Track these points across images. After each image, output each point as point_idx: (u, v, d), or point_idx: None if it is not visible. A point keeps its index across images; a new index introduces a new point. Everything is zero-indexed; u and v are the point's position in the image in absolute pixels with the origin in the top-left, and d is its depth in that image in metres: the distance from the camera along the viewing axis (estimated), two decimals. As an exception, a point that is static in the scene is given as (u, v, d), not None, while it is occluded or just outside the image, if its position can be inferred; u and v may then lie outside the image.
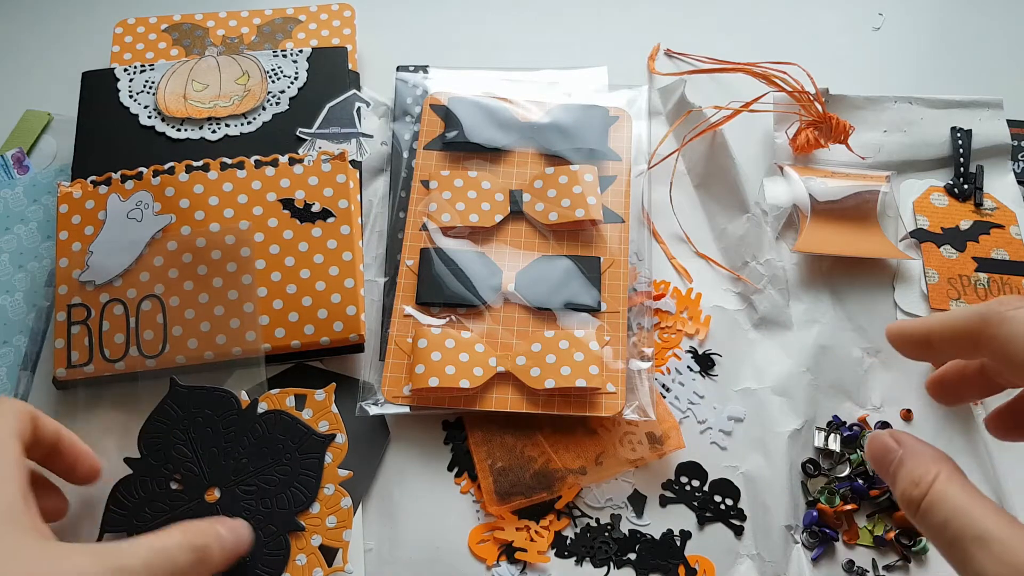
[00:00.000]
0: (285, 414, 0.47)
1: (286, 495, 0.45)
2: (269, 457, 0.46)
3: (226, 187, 0.53)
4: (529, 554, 0.45)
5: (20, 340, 0.52)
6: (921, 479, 0.30)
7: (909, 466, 0.32)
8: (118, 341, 0.49)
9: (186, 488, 0.45)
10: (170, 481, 0.45)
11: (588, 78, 0.62)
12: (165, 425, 0.46)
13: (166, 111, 0.58)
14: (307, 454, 0.46)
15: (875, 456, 0.34)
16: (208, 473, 0.45)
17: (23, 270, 0.54)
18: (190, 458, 0.46)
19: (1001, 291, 0.53)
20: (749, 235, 0.56)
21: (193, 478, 0.45)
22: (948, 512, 0.29)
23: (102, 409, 0.49)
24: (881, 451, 0.34)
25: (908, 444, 0.33)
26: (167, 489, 0.45)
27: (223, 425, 0.47)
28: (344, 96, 0.60)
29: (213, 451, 0.46)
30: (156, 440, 0.46)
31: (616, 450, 0.48)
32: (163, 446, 0.46)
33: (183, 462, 0.46)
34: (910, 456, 0.32)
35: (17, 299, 0.53)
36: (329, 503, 0.46)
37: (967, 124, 0.60)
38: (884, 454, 0.33)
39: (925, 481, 0.30)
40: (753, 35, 0.68)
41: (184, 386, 0.47)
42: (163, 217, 0.52)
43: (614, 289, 0.52)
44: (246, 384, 0.50)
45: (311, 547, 0.45)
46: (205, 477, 0.45)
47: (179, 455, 0.46)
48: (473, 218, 0.54)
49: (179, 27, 0.65)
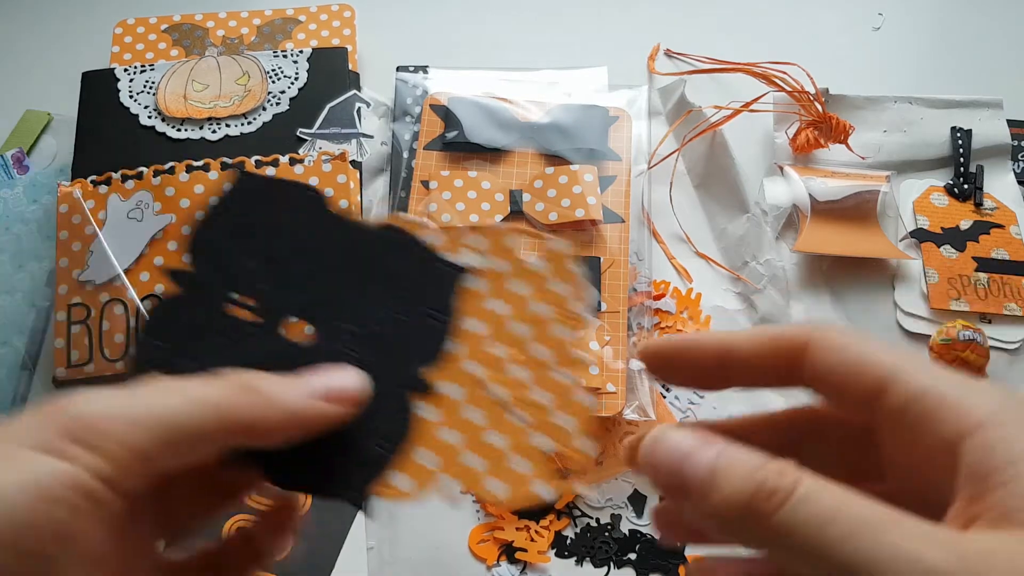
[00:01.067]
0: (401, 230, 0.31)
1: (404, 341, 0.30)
2: (380, 286, 0.31)
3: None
4: (529, 554, 0.45)
5: (20, 340, 0.52)
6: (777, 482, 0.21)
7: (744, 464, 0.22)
8: (118, 341, 0.49)
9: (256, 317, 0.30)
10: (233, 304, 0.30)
11: (588, 78, 0.62)
12: (229, 227, 0.31)
13: (166, 111, 0.58)
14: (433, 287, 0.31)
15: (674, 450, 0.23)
16: (290, 299, 0.30)
17: (23, 270, 0.54)
18: (264, 276, 0.30)
19: (1001, 291, 0.53)
20: (749, 235, 0.56)
21: (267, 304, 0.30)
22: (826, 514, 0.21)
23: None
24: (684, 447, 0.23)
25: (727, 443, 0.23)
26: (229, 316, 0.30)
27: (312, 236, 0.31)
28: (344, 96, 0.60)
29: (298, 270, 0.31)
30: (215, 247, 0.31)
31: (616, 450, 0.48)
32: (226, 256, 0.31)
33: (253, 280, 0.30)
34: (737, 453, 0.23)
35: (17, 299, 0.53)
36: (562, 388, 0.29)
37: (967, 124, 0.60)
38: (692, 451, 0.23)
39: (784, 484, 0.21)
40: (753, 35, 0.67)
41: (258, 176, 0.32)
42: (163, 217, 0.52)
43: (614, 289, 0.52)
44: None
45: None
46: (285, 304, 0.30)
47: (248, 270, 0.30)
48: (473, 218, 0.54)
49: (179, 27, 0.65)
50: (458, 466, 0.28)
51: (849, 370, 0.25)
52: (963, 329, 0.50)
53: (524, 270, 0.31)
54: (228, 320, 0.30)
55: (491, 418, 0.29)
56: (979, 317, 0.53)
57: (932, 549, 0.20)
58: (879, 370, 0.25)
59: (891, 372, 0.24)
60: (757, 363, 0.28)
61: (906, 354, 0.25)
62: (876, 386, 0.25)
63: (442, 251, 0.31)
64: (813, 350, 0.26)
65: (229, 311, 0.30)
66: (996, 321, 0.53)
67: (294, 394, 0.26)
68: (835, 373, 0.26)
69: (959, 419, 0.23)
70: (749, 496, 0.21)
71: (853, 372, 0.25)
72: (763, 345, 0.28)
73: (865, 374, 0.25)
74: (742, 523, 0.21)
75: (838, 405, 0.27)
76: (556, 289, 0.30)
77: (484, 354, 0.30)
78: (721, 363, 0.28)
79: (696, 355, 0.28)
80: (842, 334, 0.26)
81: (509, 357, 0.30)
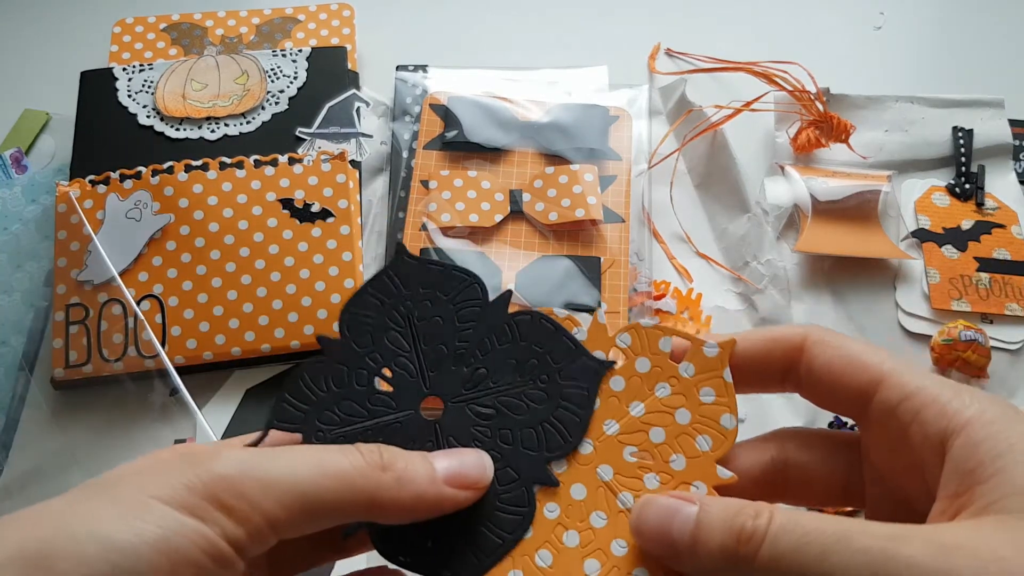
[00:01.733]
0: (548, 319, 0.32)
1: (537, 431, 0.30)
2: (519, 374, 0.31)
3: (225, 187, 0.53)
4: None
5: (18, 340, 0.51)
6: (753, 524, 0.22)
7: (721, 515, 0.23)
8: (116, 341, 0.49)
9: (396, 392, 0.31)
10: (375, 376, 0.31)
11: (588, 77, 0.62)
12: (381, 302, 0.32)
13: (165, 110, 0.58)
14: (574, 380, 0.31)
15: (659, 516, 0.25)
16: (431, 377, 0.31)
17: (21, 270, 0.54)
18: (407, 352, 0.32)
19: (1003, 291, 0.53)
20: (750, 235, 0.55)
21: (408, 379, 0.31)
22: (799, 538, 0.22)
23: (100, 409, 0.49)
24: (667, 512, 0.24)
25: (704, 497, 0.26)
26: (370, 387, 0.31)
27: (460, 318, 0.32)
28: (343, 96, 0.59)
29: (442, 349, 0.32)
30: (365, 320, 0.32)
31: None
32: (374, 329, 0.32)
33: (397, 355, 0.31)
34: (714, 504, 0.24)
35: (15, 299, 0.53)
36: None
37: (968, 123, 0.60)
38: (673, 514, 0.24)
39: (759, 525, 0.22)
40: (754, 34, 0.67)
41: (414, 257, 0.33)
42: (162, 217, 0.52)
43: (614, 289, 0.52)
44: (246, 384, 0.50)
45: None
46: (425, 381, 0.31)
47: (394, 345, 0.32)
48: (473, 218, 0.54)
49: (178, 26, 0.64)
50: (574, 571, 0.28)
51: (844, 370, 0.26)
52: (964, 329, 0.49)
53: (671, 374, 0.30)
54: (368, 392, 0.30)
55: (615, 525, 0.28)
56: (980, 317, 0.53)
57: (907, 544, 0.21)
58: (872, 371, 0.26)
59: (883, 373, 0.26)
60: (755, 365, 0.29)
61: (897, 357, 0.26)
62: (868, 386, 0.26)
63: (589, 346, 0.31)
64: (809, 351, 0.27)
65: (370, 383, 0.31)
66: (997, 321, 0.53)
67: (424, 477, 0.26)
68: (830, 373, 0.27)
69: (947, 418, 0.24)
70: (733, 544, 0.23)
71: (847, 372, 0.26)
72: (761, 347, 0.29)
73: (858, 374, 0.26)
74: (732, 570, 0.23)
75: (831, 404, 0.28)
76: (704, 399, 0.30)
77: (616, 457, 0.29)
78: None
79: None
80: (836, 336, 0.27)
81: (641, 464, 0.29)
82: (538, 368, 0.31)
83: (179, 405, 0.48)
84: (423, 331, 0.32)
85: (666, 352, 0.31)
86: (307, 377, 0.31)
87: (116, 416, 0.48)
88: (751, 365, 0.29)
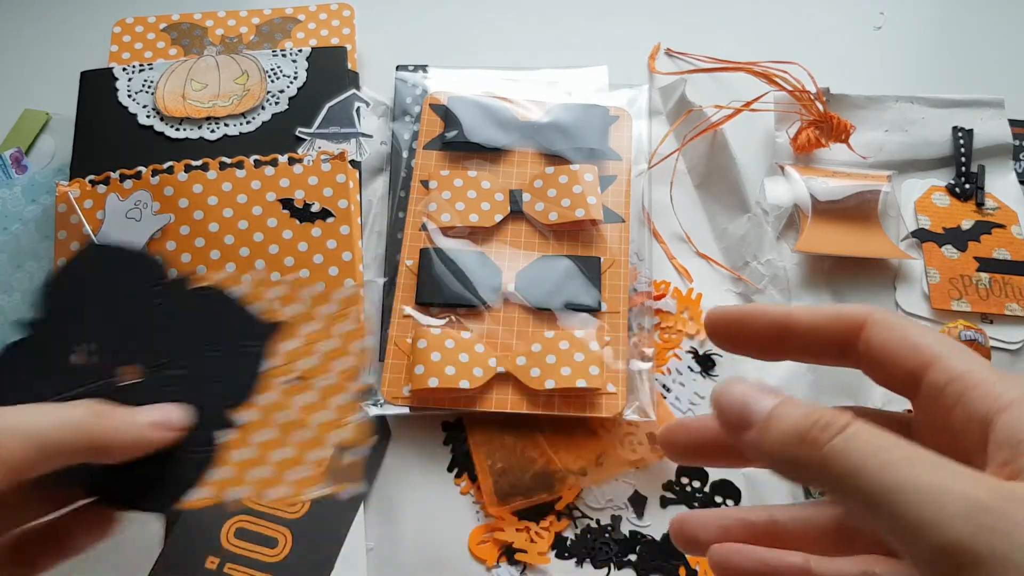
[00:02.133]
0: (224, 292, 0.38)
1: (218, 386, 0.37)
2: (201, 339, 0.38)
3: (225, 187, 0.53)
4: (529, 555, 0.45)
5: (18, 340, 0.52)
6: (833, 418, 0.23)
7: (805, 406, 0.24)
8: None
9: (95, 363, 0.37)
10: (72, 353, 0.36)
11: (588, 77, 0.62)
12: (77, 284, 0.38)
13: (165, 110, 0.58)
14: (248, 340, 0.38)
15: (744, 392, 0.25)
16: (127, 348, 0.37)
17: (21, 270, 0.54)
18: (104, 328, 0.37)
19: (1003, 291, 0.53)
20: (750, 235, 0.56)
21: (107, 352, 0.37)
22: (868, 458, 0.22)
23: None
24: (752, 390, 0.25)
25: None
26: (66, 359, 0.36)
27: (148, 295, 0.38)
28: (343, 96, 0.59)
29: (134, 324, 0.37)
30: (64, 299, 0.37)
31: (617, 451, 0.48)
32: (72, 308, 0.37)
33: (95, 331, 0.37)
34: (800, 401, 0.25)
35: (16, 299, 0.53)
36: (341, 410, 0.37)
37: (968, 123, 0.60)
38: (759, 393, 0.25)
39: (839, 421, 0.23)
40: (754, 34, 0.67)
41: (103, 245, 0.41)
42: (162, 217, 0.52)
43: (614, 289, 0.52)
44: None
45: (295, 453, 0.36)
46: (123, 352, 0.37)
47: (92, 321, 0.37)
48: (473, 218, 0.54)
49: (178, 26, 0.64)
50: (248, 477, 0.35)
51: (898, 351, 0.28)
52: (964, 329, 0.49)
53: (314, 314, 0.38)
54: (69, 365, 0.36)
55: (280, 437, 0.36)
56: (980, 317, 0.53)
57: (978, 488, 0.21)
58: (924, 353, 0.27)
59: (934, 356, 0.27)
60: (815, 337, 0.29)
61: (949, 341, 0.27)
62: (919, 368, 0.27)
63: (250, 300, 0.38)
64: (868, 330, 0.28)
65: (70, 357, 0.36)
66: (997, 321, 0.53)
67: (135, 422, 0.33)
68: (885, 353, 0.28)
69: (993, 398, 0.24)
70: (805, 427, 0.23)
71: (901, 353, 0.27)
72: (822, 320, 0.29)
73: (911, 356, 0.27)
74: (794, 452, 0.23)
75: (886, 383, 0.29)
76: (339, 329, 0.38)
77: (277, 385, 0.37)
78: (781, 334, 0.30)
79: (758, 324, 0.30)
80: (896, 318, 0.28)
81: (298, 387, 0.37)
82: (218, 333, 0.38)
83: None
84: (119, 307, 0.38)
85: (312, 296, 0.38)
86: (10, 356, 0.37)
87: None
88: (812, 338, 0.29)
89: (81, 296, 0.38)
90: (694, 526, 0.29)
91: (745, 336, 0.30)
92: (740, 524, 0.28)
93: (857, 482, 0.22)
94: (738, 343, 0.30)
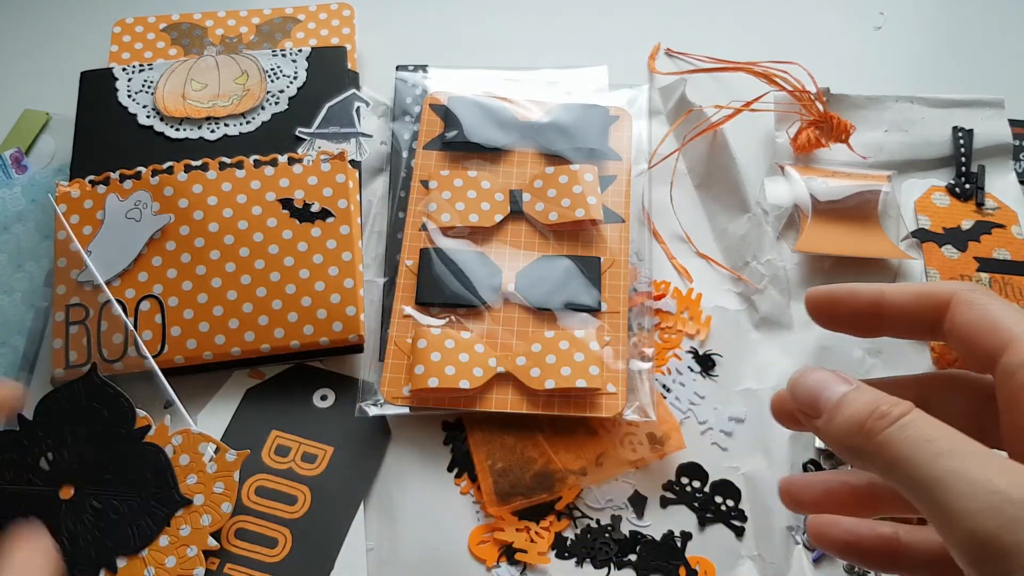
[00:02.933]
0: (164, 454, 0.45)
1: (121, 531, 0.43)
2: (129, 486, 0.44)
3: (225, 187, 0.53)
4: (529, 555, 0.45)
5: (18, 340, 0.51)
6: (890, 409, 0.25)
7: (868, 396, 0.26)
8: (116, 341, 0.49)
9: (50, 471, 0.44)
10: (42, 456, 0.44)
11: (588, 77, 0.62)
12: (66, 404, 0.46)
13: (165, 111, 0.58)
14: (159, 505, 0.44)
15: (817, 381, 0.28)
16: (73, 468, 0.44)
17: (21, 270, 0.54)
18: (69, 446, 0.45)
19: (1003, 291, 0.53)
20: (750, 235, 0.56)
21: (60, 465, 0.44)
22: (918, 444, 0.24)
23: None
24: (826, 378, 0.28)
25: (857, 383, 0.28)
26: (35, 461, 0.44)
27: (109, 435, 0.45)
28: (343, 96, 0.59)
29: (89, 449, 0.45)
30: (50, 414, 0.45)
31: (616, 451, 0.48)
32: (54, 422, 0.45)
33: (61, 445, 0.45)
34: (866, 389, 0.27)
35: (16, 299, 0.53)
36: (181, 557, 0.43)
37: (968, 123, 0.60)
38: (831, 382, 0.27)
39: (895, 411, 0.25)
40: (754, 34, 0.67)
41: (100, 378, 0.46)
42: (162, 217, 0.52)
43: (614, 289, 0.52)
44: (246, 385, 0.50)
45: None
46: (69, 471, 0.44)
47: (59, 437, 0.45)
48: (473, 218, 0.54)
49: (178, 26, 0.64)
50: None
51: (979, 330, 0.28)
52: (965, 329, 0.49)
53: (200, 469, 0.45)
54: (32, 464, 0.44)
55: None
56: (981, 317, 0.53)
57: (1009, 480, 0.22)
58: (1003, 335, 0.28)
59: (1012, 337, 0.27)
60: (907, 313, 0.31)
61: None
62: (997, 349, 0.28)
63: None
64: (954, 308, 0.29)
65: (37, 459, 0.44)
66: (998, 321, 0.53)
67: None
68: (967, 332, 0.29)
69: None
70: (864, 417, 0.25)
71: (981, 332, 0.28)
72: (913, 297, 0.31)
73: (991, 336, 0.28)
74: (854, 440, 0.25)
75: (967, 359, 0.29)
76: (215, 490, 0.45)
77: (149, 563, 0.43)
78: (875, 311, 0.31)
79: (855, 302, 0.31)
80: (982, 296, 0.29)
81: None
82: (142, 487, 0.44)
83: (175, 414, 0.48)
84: (84, 433, 0.45)
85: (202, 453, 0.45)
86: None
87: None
88: (901, 316, 0.30)
89: (64, 413, 0.46)
90: (800, 488, 0.31)
91: (841, 315, 0.32)
92: (842, 487, 0.30)
93: (904, 470, 0.23)
94: (836, 322, 0.32)
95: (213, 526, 0.43)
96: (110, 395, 0.46)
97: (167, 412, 0.47)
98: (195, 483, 0.44)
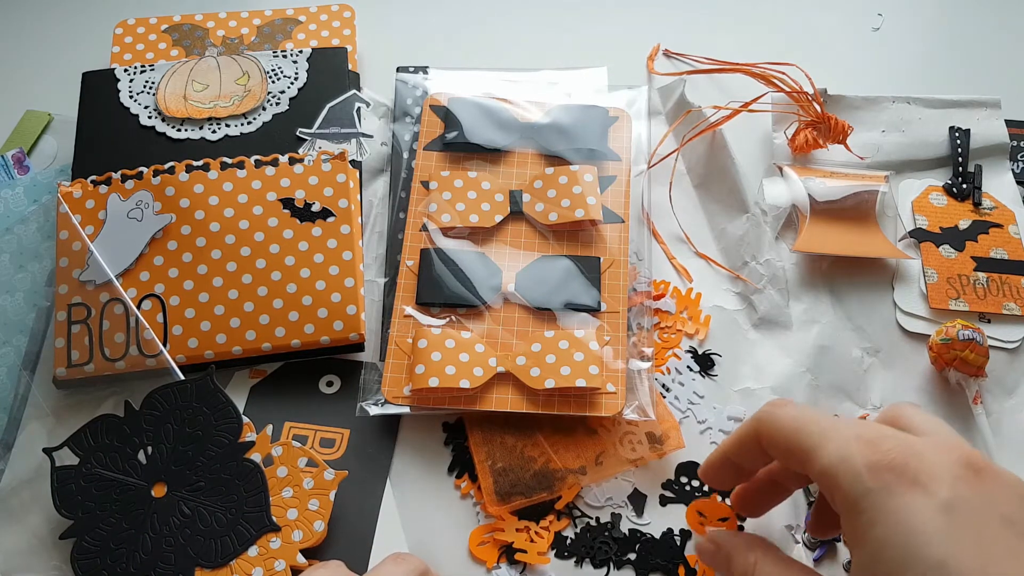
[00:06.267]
0: (262, 473, 0.44)
1: (205, 542, 0.43)
2: (222, 498, 0.44)
3: (226, 187, 0.53)
4: (529, 555, 0.45)
5: (20, 340, 0.52)
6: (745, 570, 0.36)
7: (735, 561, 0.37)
8: (118, 341, 0.49)
9: (147, 465, 0.44)
10: (140, 449, 0.45)
11: (588, 78, 0.62)
12: (172, 400, 0.46)
13: (166, 111, 0.58)
14: (248, 525, 0.43)
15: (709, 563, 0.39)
16: (171, 468, 0.44)
17: (23, 270, 0.54)
18: (168, 443, 0.45)
19: (1000, 290, 0.54)
20: (749, 235, 0.56)
21: (157, 461, 0.44)
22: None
23: (102, 409, 0.49)
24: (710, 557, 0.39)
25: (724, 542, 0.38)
26: (134, 453, 0.44)
27: (213, 442, 0.45)
28: (344, 96, 0.60)
29: (188, 453, 0.45)
30: (155, 408, 0.46)
31: (616, 450, 0.48)
32: (159, 417, 0.45)
33: (160, 441, 0.45)
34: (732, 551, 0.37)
35: (18, 299, 0.53)
36: (268, 570, 0.43)
37: (965, 124, 0.60)
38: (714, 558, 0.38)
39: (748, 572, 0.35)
40: (752, 35, 0.68)
41: (215, 383, 0.46)
42: (163, 216, 0.52)
43: (614, 289, 0.52)
44: (243, 386, 0.50)
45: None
46: (166, 469, 0.44)
47: (163, 433, 0.45)
48: (473, 218, 0.54)
49: (179, 28, 0.65)
50: None
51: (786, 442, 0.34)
52: (962, 328, 0.50)
53: (297, 483, 0.44)
54: (131, 455, 0.45)
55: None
56: (978, 316, 0.53)
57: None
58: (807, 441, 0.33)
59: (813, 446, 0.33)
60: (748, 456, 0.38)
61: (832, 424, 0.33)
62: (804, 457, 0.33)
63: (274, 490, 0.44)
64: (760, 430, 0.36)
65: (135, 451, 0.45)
66: (995, 320, 0.53)
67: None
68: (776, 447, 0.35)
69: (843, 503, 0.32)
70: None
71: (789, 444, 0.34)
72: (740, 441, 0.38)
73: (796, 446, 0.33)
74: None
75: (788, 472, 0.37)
76: (310, 507, 0.44)
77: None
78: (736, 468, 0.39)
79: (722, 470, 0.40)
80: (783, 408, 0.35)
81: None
82: (234, 502, 0.44)
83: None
84: (187, 434, 0.45)
85: (302, 467, 0.45)
86: (103, 424, 0.45)
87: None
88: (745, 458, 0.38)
89: (170, 413, 0.46)
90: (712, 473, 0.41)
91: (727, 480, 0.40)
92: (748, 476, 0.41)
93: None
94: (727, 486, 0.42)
95: (304, 543, 0.43)
96: (221, 402, 0.46)
97: (269, 423, 0.47)
98: (290, 497, 0.44)
